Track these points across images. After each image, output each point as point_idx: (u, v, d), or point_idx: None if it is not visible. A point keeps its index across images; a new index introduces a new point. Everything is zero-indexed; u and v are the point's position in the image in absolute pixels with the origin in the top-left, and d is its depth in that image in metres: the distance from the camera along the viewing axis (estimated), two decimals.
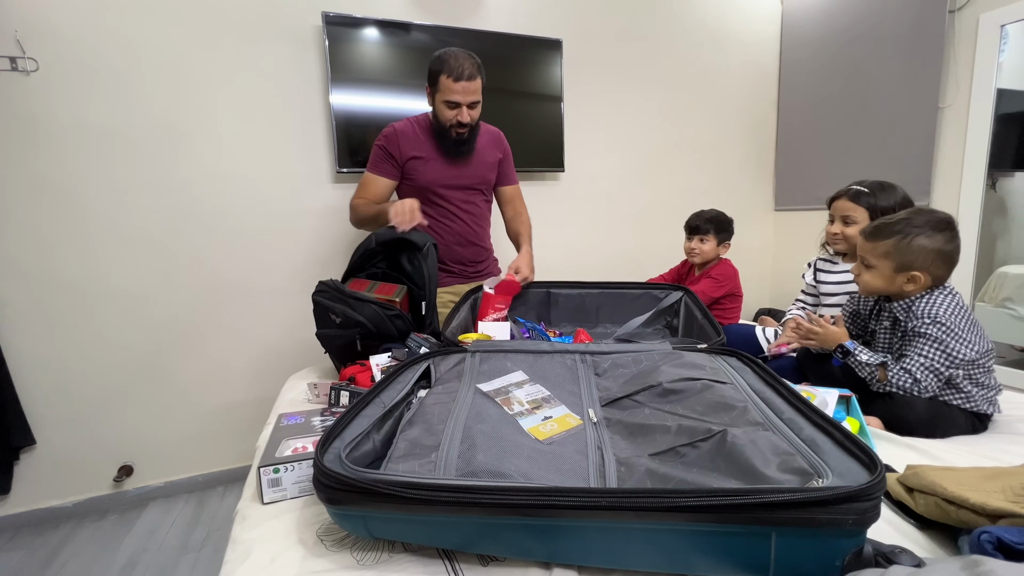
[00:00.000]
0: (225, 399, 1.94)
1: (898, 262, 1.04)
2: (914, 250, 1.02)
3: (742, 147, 2.76)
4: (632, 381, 0.90)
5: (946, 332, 0.99)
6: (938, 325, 1.00)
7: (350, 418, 0.72)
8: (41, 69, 1.58)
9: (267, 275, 1.93)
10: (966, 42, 2.04)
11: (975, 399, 1.02)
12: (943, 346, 0.99)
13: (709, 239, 1.78)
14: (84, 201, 1.68)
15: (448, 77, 1.38)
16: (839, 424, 0.64)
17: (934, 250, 1.02)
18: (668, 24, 2.48)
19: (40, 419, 1.70)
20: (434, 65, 1.41)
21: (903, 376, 1.02)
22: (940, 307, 1.02)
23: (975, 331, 1.02)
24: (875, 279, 1.09)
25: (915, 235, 1.03)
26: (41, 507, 1.74)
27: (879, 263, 1.07)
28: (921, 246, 1.02)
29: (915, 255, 1.03)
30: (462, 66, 1.38)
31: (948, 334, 0.99)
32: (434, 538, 0.61)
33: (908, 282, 1.05)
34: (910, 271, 1.03)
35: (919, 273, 1.03)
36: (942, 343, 0.99)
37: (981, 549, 0.55)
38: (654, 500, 0.53)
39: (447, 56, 1.39)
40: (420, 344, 1.13)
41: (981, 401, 1.03)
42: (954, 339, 0.99)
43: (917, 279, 1.03)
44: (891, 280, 1.07)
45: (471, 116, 1.43)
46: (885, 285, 1.08)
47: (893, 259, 1.05)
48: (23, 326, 1.65)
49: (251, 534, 0.70)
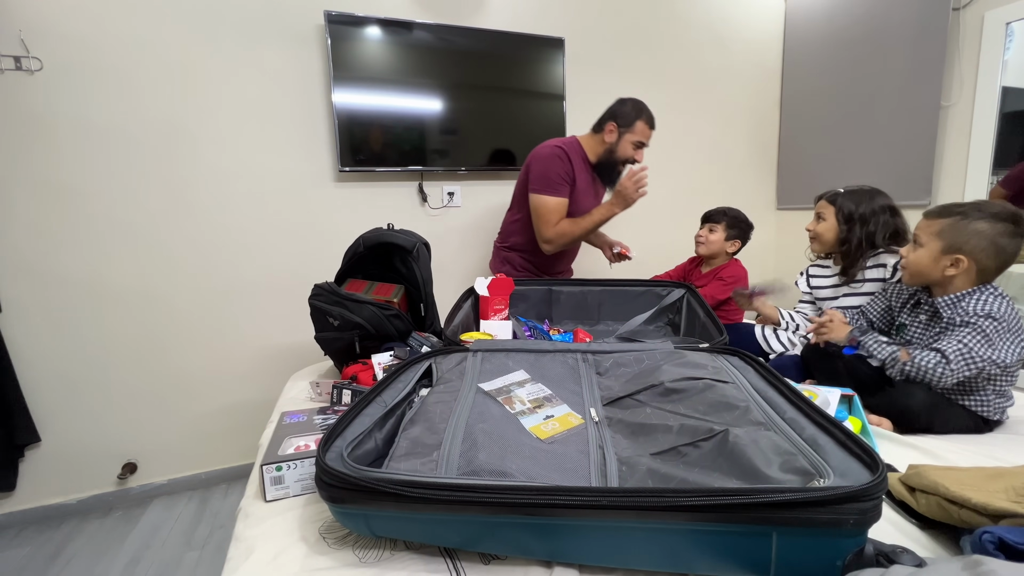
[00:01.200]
0: (228, 397, 1.95)
1: (949, 241, 1.01)
2: (969, 232, 0.99)
3: (745, 146, 2.75)
4: (634, 380, 0.90)
5: (996, 328, 0.95)
6: (991, 320, 0.96)
7: (352, 417, 0.72)
8: (45, 68, 1.59)
9: (270, 274, 1.94)
10: (971, 40, 2.03)
11: (990, 406, 1.01)
12: (988, 341, 0.95)
13: (718, 230, 1.76)
14: (87, 199, 1.68)
15: (646, 123, 1.64)
16: (841, 424, 0.64)
17: (990, 237, 0.98)
18: (671, 22, 2.47)
19: (45, 416, 1.71)
20: (631, 109, 1.64)
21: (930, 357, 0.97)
22: (993, 305, 0.98)
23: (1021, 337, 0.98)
24: (920, 258, 1.05)
25: (976, 218, 1.00)
26: (46, 504, 1.75)
27: (929, 242, 1.04)
28: (977, 229, 0.99)
29: (969, 237, 0.99)
30: (652, 115, 1.66)
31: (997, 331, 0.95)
32: (436, 536, 0.61)
33: (951, 266, 1.01)
34: (957, 254, 1.00)
35: (965, 257, 1.00)
36: (988, 337, 0.95)
37: (983, 549, 0.55)
38: (655, 499, 0.53)
39: (643, 105, 1.65)
40: (421, 343, 1.13)
41: (994, 410, 1.01)
42: (1001, 338, 0.95)
43: (961, 263, 1.00)
44: (936, 261, 1.03)
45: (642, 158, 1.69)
46: (929, 265, 1.04)
47: (945, 238, 1.02)
48: (27, 324, 1.66)
49: (254, 531, 0.70)
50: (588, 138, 1.71)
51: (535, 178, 1.64)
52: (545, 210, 1.62)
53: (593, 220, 1.62)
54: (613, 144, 1.65)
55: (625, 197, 1.56)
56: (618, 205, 1.59)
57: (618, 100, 1.67)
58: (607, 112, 1.67)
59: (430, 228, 2.13)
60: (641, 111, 1.63)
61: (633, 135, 1.63)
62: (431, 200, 2.13)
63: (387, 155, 1.97)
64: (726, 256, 1.80)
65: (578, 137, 1.72)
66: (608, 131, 1.65)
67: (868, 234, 1.30)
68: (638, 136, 1.64)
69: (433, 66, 1.99)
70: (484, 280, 1.31)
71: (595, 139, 1.69)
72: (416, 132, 2.00)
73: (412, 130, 1.99)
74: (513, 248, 1.80)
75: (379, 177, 2.04)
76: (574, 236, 1.65)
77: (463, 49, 2.02)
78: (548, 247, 1.67)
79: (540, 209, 1.63)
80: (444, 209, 2.16)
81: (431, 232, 2.11)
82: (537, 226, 1.66)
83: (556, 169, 1.60)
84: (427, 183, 2.11)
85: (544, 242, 1.67)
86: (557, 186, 1.61)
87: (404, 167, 2.01)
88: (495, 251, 1.88)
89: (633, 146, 1.64)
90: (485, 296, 1.30)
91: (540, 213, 1.63)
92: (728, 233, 1.76)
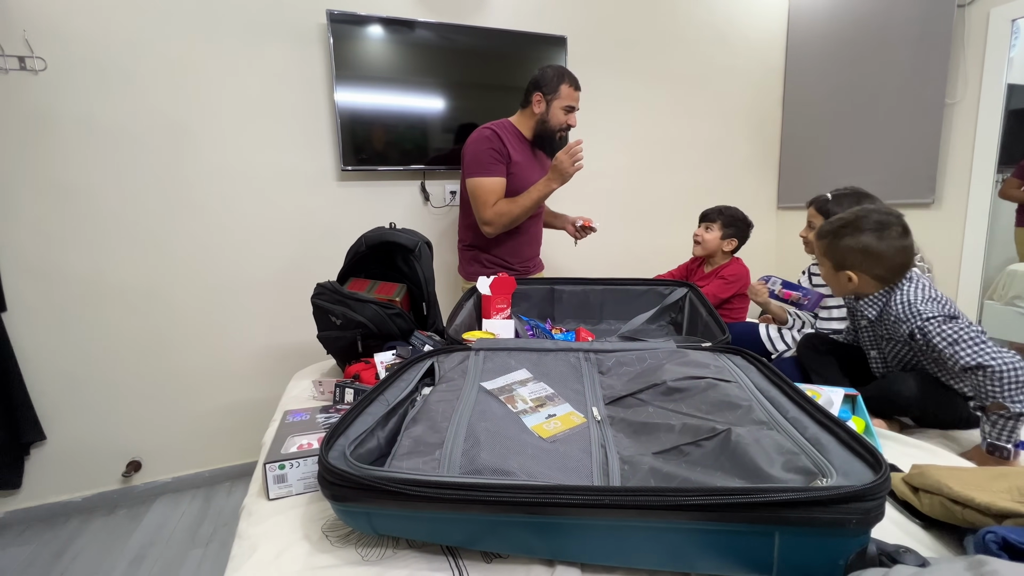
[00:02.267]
0: (231, 396, 1.96)
1: (834, 261, 1.06)
2: (843, 250, 1.03)
3: (747, 145, 2.74)
4: (636, 379, 0.90)
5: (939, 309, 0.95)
6: (928, 318, 0.94)
7: (354, 415, 0.73)
8: (49, 68, 1.59)
9: (273, 272, 1.95)
10: (975, 37, 2.01)
11: None
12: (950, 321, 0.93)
13: (714, 229, 1.76)
14: (92, 199, 1.69)
15: (570, 86, 1.60)
16: (844, 423, 0.63)
17: (860, 249, 1.01)
18: (673, 21, 2.46)
19: (50, 414, 1.72)
20: (552, 75, 1.60)
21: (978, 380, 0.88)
22: (914, 296, 0.99)
23: (960, 317, 0.96)
24: (827, 275, 1.10)
25: (843, 235, 1.03)
26: (51, 502, 1.77)
27: (822, 261, 1.09)
28: (846, 246, 1.03)
29: (845, 255, 1.03)
30: (575, 77, 1.62)
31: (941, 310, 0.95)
32: (438, 535, 0.62)
33: (849, 281, 1.05)
34: (847, 271, 1.04)
35: (852, 273, 1.03)
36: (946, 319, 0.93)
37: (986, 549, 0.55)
38: (658, 498, 0.53)
39: (564, 69, 1.62)
40: (424, 342, 1.13)
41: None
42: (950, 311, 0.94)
43: (853, 279, 1.04)
44: (835, 279, 1.08)
45: (576, 121, 1.66)
46: (834, 284, 1.09)
47: (831, 258, 1.07)
48: (32, 322, 1.67)
49: (257, 529, 0.70)
50: (518, 116, 1.68)
51: (467, 164, 1.61)
52: (481, 191, 1.57)
53: (531, 197, 1.56)
54: (544, 114, 1.62)
55: (562, 172, 1.51)
56: (555, 180, 1.54)
57: (538, 70, 1.64)
58: (529, 84, 1.63)
59: (432, 227, 2.13)
60: (563, 75, 1.61)
61: (560, 100, 1.60)
62: (433, 199, 2.13)
63: (389, 154, 1.97)
64: (724, 255, 1.80)
65: (509, 119, 1.68)
66: (536, 102, 1.62)
67: None
68: (565, 100, 1.61)
69: (435, 65, 1.99)
70: (486, 279, 1.31)
71: (525, 114, 1.66)
72: (418, 131, 2.00)
73: (414, 129, 2.00)
74: (472, 246, 1.73)
75: (381, 176, 2.04)
76: (514, 215, 1.58)
77: (465, 48, 2.02)
78: (488, 229, 1.61)
79: (476, 191, 1.58)
80: (446, 208, 2.16)
81: (433, 231, 2.12)
82: (476, 209, 1.60)
83: (485, 148, 1.56)
84: (429, 182, 2.11)
85: (484, 224, 1.60)
86: (489, 166, 1.56)
87: (406, 166, 2.01)
88: (460, 255, 1.80)
89: (564, 111, 1.62)
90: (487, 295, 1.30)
91: (476, 195, 1.58)
92: (724, 232, 1.76)
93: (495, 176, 1.58)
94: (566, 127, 1.64)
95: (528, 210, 1.59)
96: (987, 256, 2.07)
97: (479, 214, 1.60)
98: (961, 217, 2.09)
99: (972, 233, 2.07)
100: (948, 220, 2.13)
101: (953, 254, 2.13)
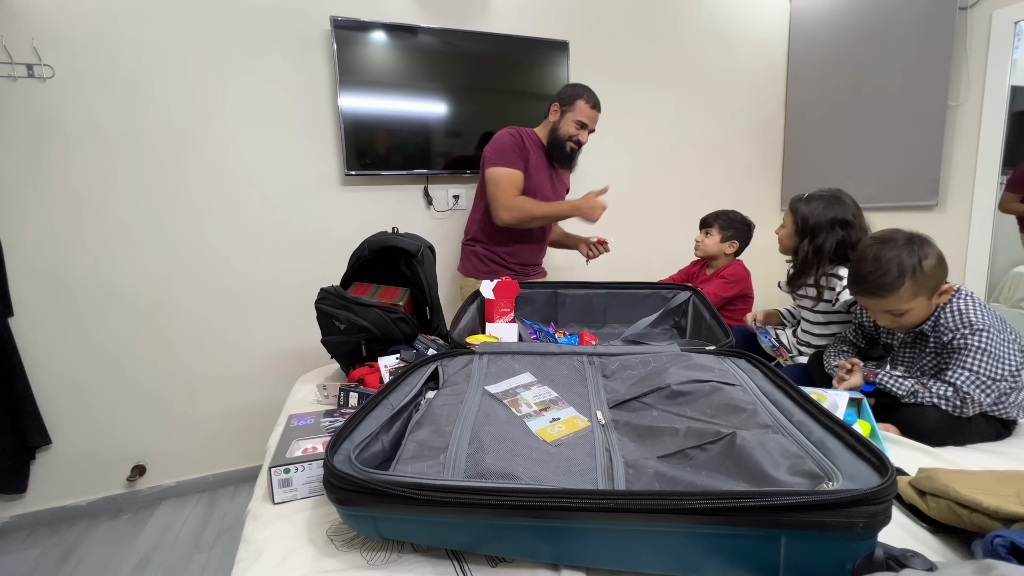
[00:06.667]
0: (236, 400, 1.96)
1: (929, 290, 1.00)
2: (929, 276, 0.98)
3: (750, 147, 2.74)
4: (640, 383, 0.89)
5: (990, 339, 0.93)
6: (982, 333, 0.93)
7: (359, 419, 0.73)
8: (57, 75, 1.61)
9: (277, 277, 1.95)
10: (978, 39, 2.01)
11: (1005, 405, 0.97)
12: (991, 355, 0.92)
13: (712, 233, 1.77)
14: (98, 204, 1.70)
15: (587, 103, 1.68)
16: (849, 427, 0.63)
17: (937, 263, 0.98)
18: (675, 24, 2.47)
19: (56, 419, 1.73)
20: (573, 90, 1.70)
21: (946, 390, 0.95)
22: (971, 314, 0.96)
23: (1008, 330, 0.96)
24: (919, 311, 1.01)
25: (923, 262, 0.99)
26: (56, 506, 1.77)
27: (909, 301, 1.00)
28: (930, 267, 0.98)
29: (934, 279, 0.99)
30: (596, 98, 1.70)
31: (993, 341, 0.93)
32: (443, 539, 0.62)
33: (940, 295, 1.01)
34: (936, 294, 1.00)
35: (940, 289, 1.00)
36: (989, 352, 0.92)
37: (994, 553, 0.55)
38: (663, 502, 0.53)
39: (588, 88, 1.71)
40: (428, 346, 1.13)
41: (1012, 407, 0.98)
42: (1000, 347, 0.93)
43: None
44: (927, 306, 1.01)
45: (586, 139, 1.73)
46: (926, 312, 1.02)
47: (924, 290, 1.00)
48: (39, 327, 1.68)
49: (262, 533, 0.70)
50: (540, 127, 1.78)
51: (490, 156, 1.67)
52: (503, 180, 1.64)
53: (555, 208, 1.68)
54: (556, 122, 1.71)
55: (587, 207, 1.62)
56: (579, 210, 1.64)
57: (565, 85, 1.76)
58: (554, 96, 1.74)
59: (436, 231, 2.14)
60: (582, 91, 1.69)
61: (574, 114, 1.68)
62: (436, 203, 2.14)
63: (393, 158, 1.98)
64: (726, 258, 1.81)
65: (534, 128, 1.78)
66: (553, 111, 1.72)
67: (816, 247, 1.28)
68: (579, 115, 1.68)
69: (438, 70, 2.00)
70: (490, 283, 1.31)
71: (544, 123, 1.76)
72: (421, 136, 2.01)
73: (417, 134, 2.01)
74: (474, 240, 1.80)
75: (385, 180, 2.05)
76: (531, 214, 1.65)
77: (468, 53, 2.04)
78: (504, 215, 1.63)
79: (496, 178, 1.64)
80: (449, 212, 2.17)
81: (436, 235, 2.13)
82: (494, 195, 1.64)
83: (508, 144, 1.66)
84: (432, 186, 2.12)
85: (501, 209, 1.63)
86: (511, 158, 1.64)
87: (409, 170, 2.02)
88: (462, 251, 1.88)
89: (575, 125, 1.68)
90: (491, 299, 1.31)
91: (496, 182, 1.64)
92: (723, 235, 1.77)
93: (515, 168, 1.65)
94: (576, 141, 1.70)
95: (546, 217, 1.70)
96: (992, 258, 2.06)
97: (497, 199, 1.65)
98: (965, 220, 2.08)
99: (977, 236, 2.06)
100: (952, 223, 2.12)
101: (958, 257, 2.12)
